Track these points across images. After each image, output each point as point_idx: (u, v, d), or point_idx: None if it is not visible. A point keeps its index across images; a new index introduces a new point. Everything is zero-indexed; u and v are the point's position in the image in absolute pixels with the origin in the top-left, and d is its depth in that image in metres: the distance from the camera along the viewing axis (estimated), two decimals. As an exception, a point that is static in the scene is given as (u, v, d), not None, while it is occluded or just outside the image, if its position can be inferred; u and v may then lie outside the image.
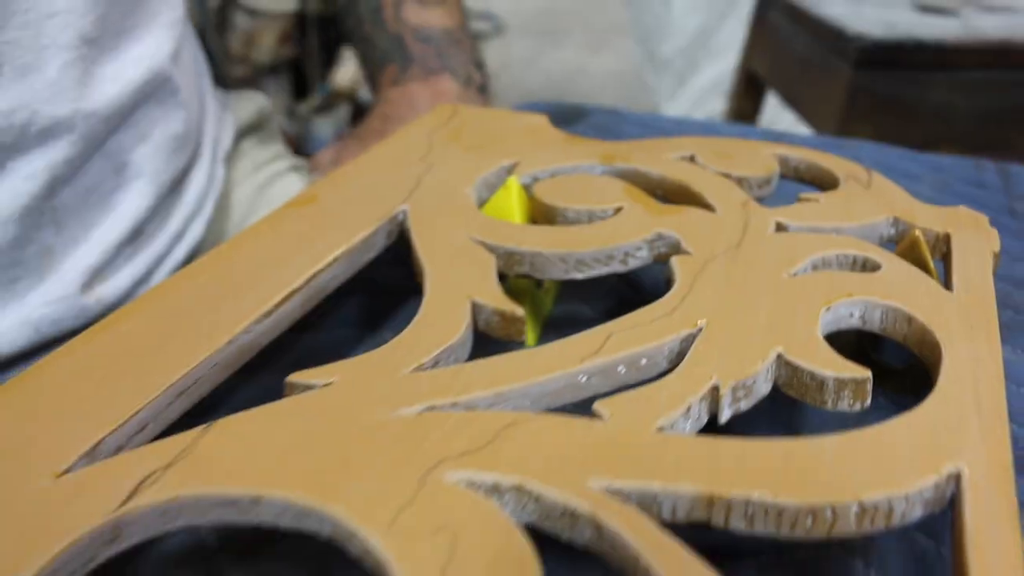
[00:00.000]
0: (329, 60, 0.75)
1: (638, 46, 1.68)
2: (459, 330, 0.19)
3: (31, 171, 0.32)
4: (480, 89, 0.52)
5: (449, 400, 0.17)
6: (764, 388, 0.18)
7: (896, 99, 0.78)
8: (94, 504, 0.15)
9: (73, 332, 0.34)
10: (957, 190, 0.37)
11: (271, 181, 0.47)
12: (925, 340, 0.20)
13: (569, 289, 0.28)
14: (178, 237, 0.39)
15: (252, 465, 0.15)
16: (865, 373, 0.18)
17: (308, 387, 0.18)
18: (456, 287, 0.21)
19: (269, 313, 0.20)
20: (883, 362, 0.24)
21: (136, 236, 0.36)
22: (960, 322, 0.20)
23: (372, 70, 0.52)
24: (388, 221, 0.25)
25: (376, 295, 0.29)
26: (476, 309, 0.20)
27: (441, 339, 0.19)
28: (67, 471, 0.16)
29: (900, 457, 0.16)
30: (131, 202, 0.36)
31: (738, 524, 0.15)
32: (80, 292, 0.34)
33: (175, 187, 0.39)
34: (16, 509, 0.15)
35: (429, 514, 0.14)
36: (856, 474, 0.15)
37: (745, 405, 0.18)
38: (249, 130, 0.49)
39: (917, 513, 0.15)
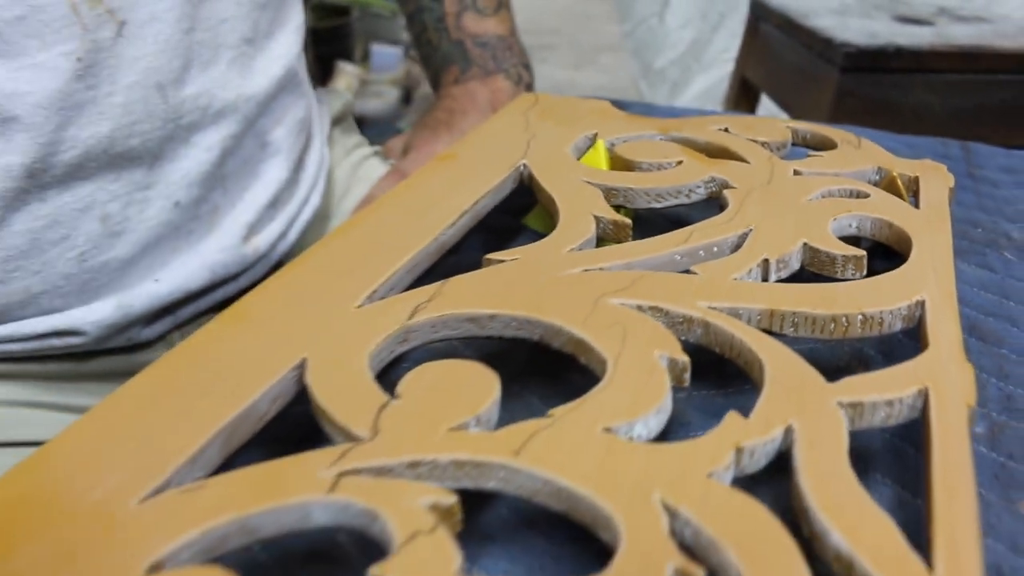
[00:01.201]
0: (326, 73, 0.82)
1: (634, 58, 1.79)
2: (590, 232, 0.29)
3: (209, 144, 0.41)
4: (527, 87, 0.61)
5: (598, 266, 0.26)
6: (795, 264, 0.28)
7: (879, 100, 0.88)
8: (392, 319, 0.24)
9: (236, 275, 0.44)
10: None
11: (360, 163, 0.56)
12: (900, 238, 0.29)
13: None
14: (304, 203, 0.48)
15: (482, 299, 0.25)
16: (862, 252, 0.28)
17: (500, 260, 0.27)
18: (581, 208, 0.30)
19: (453, 224, 0.30)
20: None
21: (276, 201, 0.45)
22: (924, 226, 0.30)
23: (435, 70, 0.62)
24: (514, 171, 0.34)
25: (491, 232, 0.38)
26: (597, 220, 0.30)
27: (580, 236, 0.28)
28: (367, 301, 0.25)
29: (887, 291, 0.25)
30: (272, 173, 0.45)
31: (788, 330, 0.24)
32: (241, 243, 0.43)
33: (300, 163, 0.48)
34: (338, 325, 0.24)
35: (605, 318, 0.23)
36: (861, 299, 0.25)
37: (784, 274, 0.27)
38: (337, 121, 0.58)
39: (898, 325, 0.25)
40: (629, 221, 0.30)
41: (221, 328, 0.23)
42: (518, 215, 0.38)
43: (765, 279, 0.27)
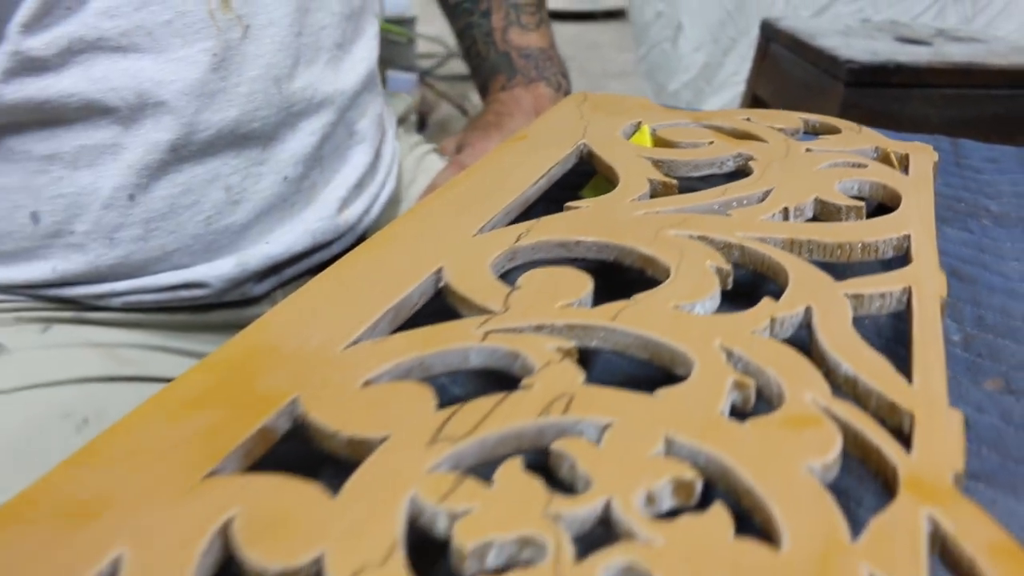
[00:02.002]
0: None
1: (647, 81, 1.87)
2: (645, 188, 0.36)
3: (311, 129, 0.48)
4: (565, 93, 0.69)
5: (655, 210, 0.34)
6: (809, 213, 0.35)
7: (880, 112, 0.95)
8: (502, 243, 0.31)
9: (331, 242, 0.51)
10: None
11: (422, 157, 0.64)
12: (892, 195, 0.37)
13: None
14: (382, 186, 0.55)
15: (568, 231, 0.32)
16: (861, 203, 0.35)
17: (576, 207, 0.34)
18: (636, 172, 0.38)
19: (535, 183, 0.37)
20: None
21: (361, 182, 0.53)
22: (911, 187, 0.37)
23: (483, 79, 0.70)
24: (575, 148, 0.42)
25: (552, 202, 0.45)
26: (650, 181, 0.37)
27: (638, 191, 0.36)
28: (479, 232, 0.32)
29: (882, 228, 0.32)
30: (358, 158, 0.53)
31: (804, 255, 0.32)
32: (335, 214, 0.50)
33: (379, 152, 0.55)
34: (462, 246, 0.31)
35: (665, 243, 0.31)
36: (862, 232, 0.32)
37: (800, 220, 0.35)
38: (400, 121, 0.66)
39: (890, 252, 0.32)
40: (675, 182, 0.37)
41: (378, 245, 0.31)
42: (574, 191, 0.46)
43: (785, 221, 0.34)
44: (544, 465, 0.21)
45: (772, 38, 1.16)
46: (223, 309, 0.49)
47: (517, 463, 0.20)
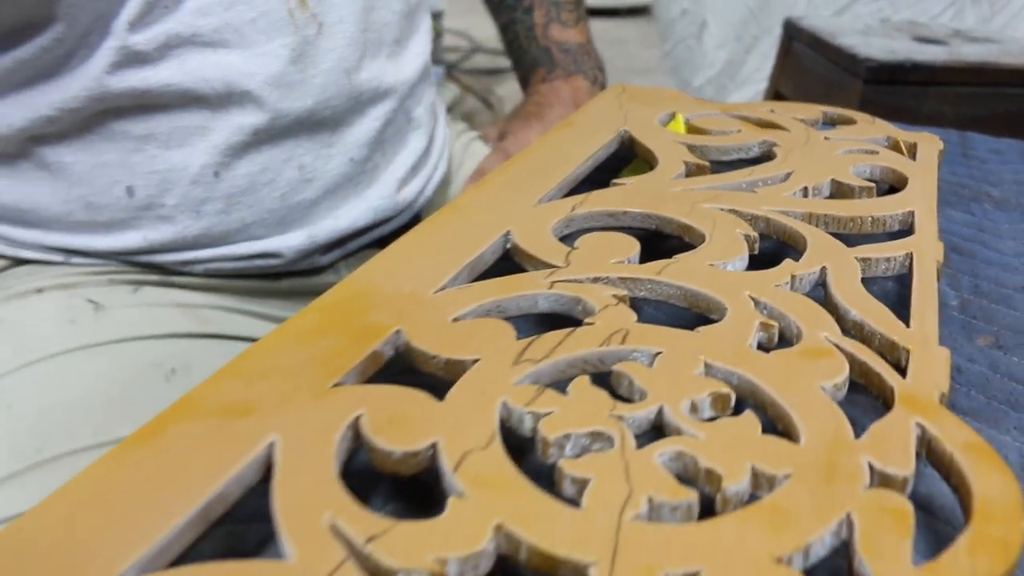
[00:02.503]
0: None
1: (672, 77, 1.91)
2: (681, 169, 0.41)
3: (375, 116, 0.53)
4: (601, 86, 0.74)
5: (690, 187, 0.38)
6: (826, 192, 0.40)
7: (897, 109, 1.00)
8: (559, 212, 0.36)
9: (390, 218, 0.56)
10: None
11: (469, 144, 0.69)
12: (900, 178, 0.41)
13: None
14: (435, 168, 0.60)
15: (614, 203, 0.37)
16: (872, 184, 0.39)
17: (621, 184, 0.39)
18: (673, 156, 0.42)
19: (584, 162, 0.42)
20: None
21: (417, 164, 0.58)
22: (917, 171, 0.41)
23: (525, 72, 0.74)
24: (618, 135, 0.46)
25: (594, 184, 0.50)
26: (685, 163, 0.42)
27: (675, 172, 0.40)
28: (538, 203, 0.37)
29: (890, 204, 0.37)
30: (415, 143, 0.58)
31: (821, 227, 0.36)
32: (395, 193, 0.55)
33: (432, 137, 0.60)
34: (524, 214, 0.36)
35: (701, 214, 0.35)
36: (872, 208, 0.37)
37: (819, 197, 0.39)
38: (448, 109, 0.71)
39: (896, 225, 0.37)
40: (708, 164, 0.42)
41: (452, 214, 0.36)
42: (612, 173, 0.51)
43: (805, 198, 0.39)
44: (606, 384, 0.26)
45: (794, 36, 1.21)
46: (292, 277, 0.54)
47: (586, 379, 0.25)
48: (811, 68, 1.14)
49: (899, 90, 0.98)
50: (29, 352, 0.46)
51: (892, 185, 0.42)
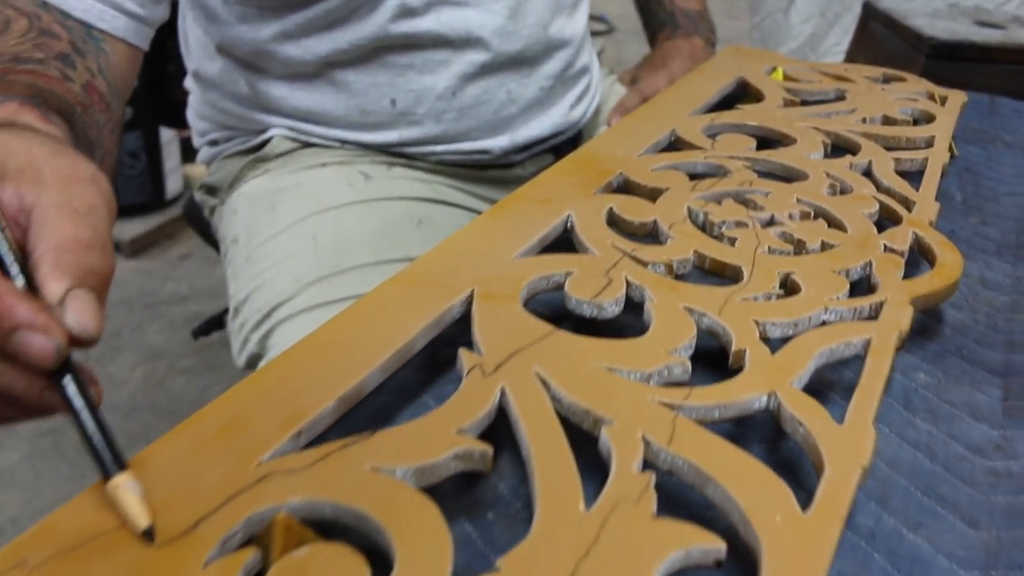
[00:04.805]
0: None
1: (759, 46, 2.09)
2: (780, 102, 0.62)
3: (559, 58, 0.74)
4: (712, 46, 0.94)
5: (787, 113, 0.59)
6: (879, 122, 0.60)
7: (953, 82, 1.17)
8: (704, 120, 0.57)
9: (563, 131, 0.78)
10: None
11: (612, 84, 0.90)
12: (930, 116, 0.61)
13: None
14: (593, 98, 0.81)
15: (740, 118, 0.58)
16: (910, 119, 0.60)
17: (743, 109, 0.60)
18: (776, 95, 0.63)
19: (717, 92, 0.63)
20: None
21: (582, 94, 0.79)
22: (942, 113, 0.62)
23: (653, 30, 0.95)
24: (735, 79, 0.67)
25: (720, 107, 0.71)
26: (783, 99, 0.62)
27: (777, 104, 0.61)
28: (691, 113, 0.58)
29: (919, 130, 0.58)
30: (581, 79, 0.79)
31: (872, 142, 0.57)
32: (568, 112, 0.77)
33: (591, 75, 0.82)
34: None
35: (794, 129, 0.56)
36: (905, 131, 0.57)
37: (874, 124, 0.60)
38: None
39: (922, 144, 0.57)
40: (798, 100, 0.62)
41: (645, 108, 0.57)
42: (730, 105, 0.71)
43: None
44: (744, 201, 0.47)
45: (871, 16, 1.38)
46: (494, 169, 0.76)
47: (731, 200, 0.46)
48: (882, 44, 1.32)
49: (956, 66, 1.16)
50: (322, 203, 0.69)
51: (926, 121, 0.62)
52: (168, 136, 1.85)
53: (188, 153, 1.97)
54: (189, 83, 0.80)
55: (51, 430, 1.39)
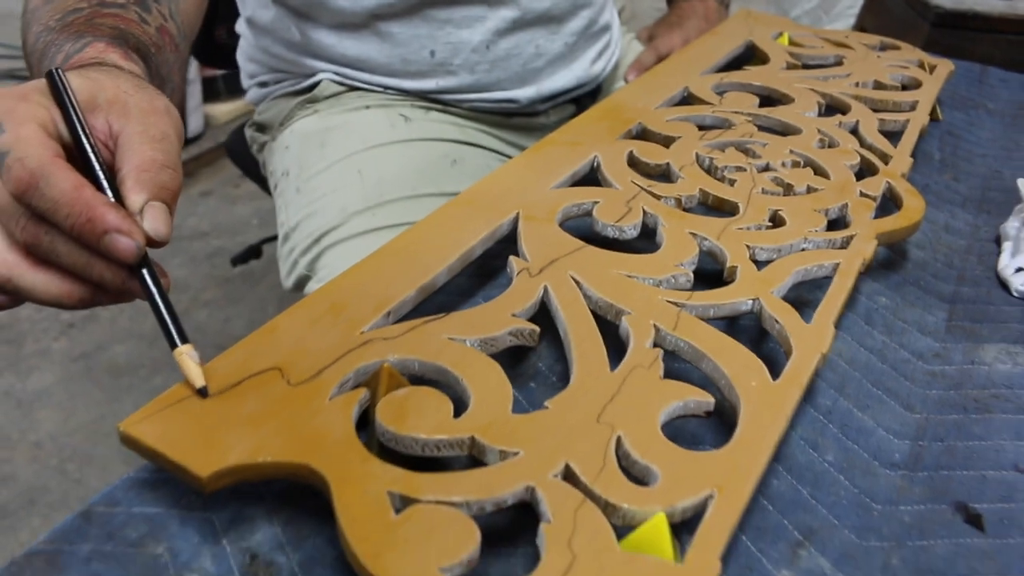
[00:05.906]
0: None
1: (772, 6, 2.13)
2: (784, 64, 0.69)
3: (583, 16, 0.81)
4: (726, 7, 1.01)
5: (789, 75, 0.67)
6: (871, 86, 0.67)
7: (956, 49, 1.24)
8: (712, 79, 0.65)
9: (584, 84, 0.85)
10: (957, 73, 0.85)
11: (630, 41, 0.97)
12: (918, 83, 0.69)
13: (796, 79, 0.78)
14: (613, 53, 0.88)
15: (747, 78, 0.65)
16: (899, 85, 0.67)
17: (748, 70, 0.67)
18: (780, 58, 0.70)
19: (727, 55, 0.70)
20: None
21: (603, 50, 0.86)
22: (929, 79, 0.69)
23: (671, -8, 1.01)
24: (745, 42, 0.74)
25: (730, 68, 0.78)
26: (787, 62, 0.70)
27: (781, 65, 0.69)
28: (702, 73, 0.66)
29: (905, 94, 0.65)
30: (603, 36, 0.86)
31: (863, 104, 0.64)
32: (589, 66, 0.84)
33: (612, 33, 0.89)
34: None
35: (794, 90, 0.64)
36: (893, 95, 0.64)
37: (867, 88, 0.67)
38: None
39: (907, 108, 0.64)
40: (801, 64, 0.70)
41: (658, 68, 0.64)
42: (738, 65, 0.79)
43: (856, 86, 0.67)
44: (745, 151, 0.55)
45: (882, -18, 1.44)
46: (521, 116, 0.83)
47: (733, 148, 0.54)
48: (891, 9, 1.38)
49: (959, 34, 1.22)
50: (367, 142, 0.77)
51: (914, 87, 0.70)
52: (190, 75, 1.91)
53: (208, 93, 2.04)
54: (241, 28, 0.87)
55: (82, 355, 1.48)
